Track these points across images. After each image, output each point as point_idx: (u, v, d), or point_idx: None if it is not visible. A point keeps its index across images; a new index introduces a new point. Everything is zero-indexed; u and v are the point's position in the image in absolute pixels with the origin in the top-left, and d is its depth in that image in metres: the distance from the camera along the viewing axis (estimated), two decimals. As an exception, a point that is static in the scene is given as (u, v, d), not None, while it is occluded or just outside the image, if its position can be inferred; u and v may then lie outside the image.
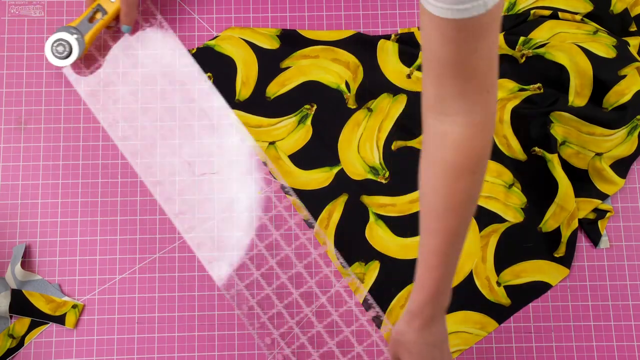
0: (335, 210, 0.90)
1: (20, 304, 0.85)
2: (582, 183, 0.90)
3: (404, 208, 0.90)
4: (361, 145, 0.92)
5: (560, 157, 0.90)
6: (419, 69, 0.94)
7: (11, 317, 0.85)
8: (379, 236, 0.89)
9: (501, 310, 0.87)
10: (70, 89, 0.92)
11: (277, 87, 0.93)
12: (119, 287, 0.87)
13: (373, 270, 0.88)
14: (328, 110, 0.93)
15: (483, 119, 0.60)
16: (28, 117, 0.92)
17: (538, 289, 0.88)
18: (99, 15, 0.88)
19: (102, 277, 0.87)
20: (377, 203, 0.90)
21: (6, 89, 0.92)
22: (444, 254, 0.65)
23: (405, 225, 0.90)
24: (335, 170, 0.91)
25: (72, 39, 0.87)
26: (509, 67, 0.93)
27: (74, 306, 0.86)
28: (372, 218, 0.90)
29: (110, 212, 0.89)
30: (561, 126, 0.90)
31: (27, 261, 0.88)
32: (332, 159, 0.92)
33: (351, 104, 0.93)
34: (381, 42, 0.95)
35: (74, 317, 0.86)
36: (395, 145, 0.92)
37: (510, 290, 0.88)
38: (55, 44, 0.87)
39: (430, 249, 0.66)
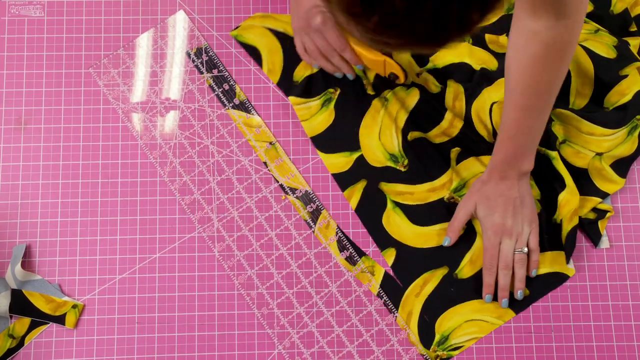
0: (353, 196, 0.90)
1: (20, 304, 0.85)
2: (582, 182, 0.90)
3: (421, 196, 0.90)
4: (382, 132, 0.92)
5: (560, 155, 0.89)
6: (429, 71, 0.93)
7: (11, 317, 0.85)
8: (395, 224, 0.89)
9: (519, 299, 0.87)
10: (70, 89, 0.93)
11: (303, 71, 0.93)
12: (119, 287, 0.87)
13: (389, 258, 0.88)
14: (351, 95, 0.93)
15: (571, 23, 0.71)
16: (28, 117, 0.92)
17: (556, 279, 0.88)
18: None
19: (102, 277, 0.87)
20: (395, 190, 0.90)
21: (6, 89, 0.92)
22: (523, 125, 0.79)
23: (423, 214, 0.90)
24: (355, 155, 0.91)
25: None
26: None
27: (74, 306, 0.86)
28: (389, 205, 0.90)
29: (110, 212, 0.89)
30: (562, 125, 0.90)
31: (27, 261, 0.88)
32: (352, 144, 0.92)
33: (370, 91, 0.93)
34: None
35: (74, 317, 0.86)
36: (411, 135, 0.91)
37: (528, 280, 0.87)
38: None
39: (511, 120, 0.79)
